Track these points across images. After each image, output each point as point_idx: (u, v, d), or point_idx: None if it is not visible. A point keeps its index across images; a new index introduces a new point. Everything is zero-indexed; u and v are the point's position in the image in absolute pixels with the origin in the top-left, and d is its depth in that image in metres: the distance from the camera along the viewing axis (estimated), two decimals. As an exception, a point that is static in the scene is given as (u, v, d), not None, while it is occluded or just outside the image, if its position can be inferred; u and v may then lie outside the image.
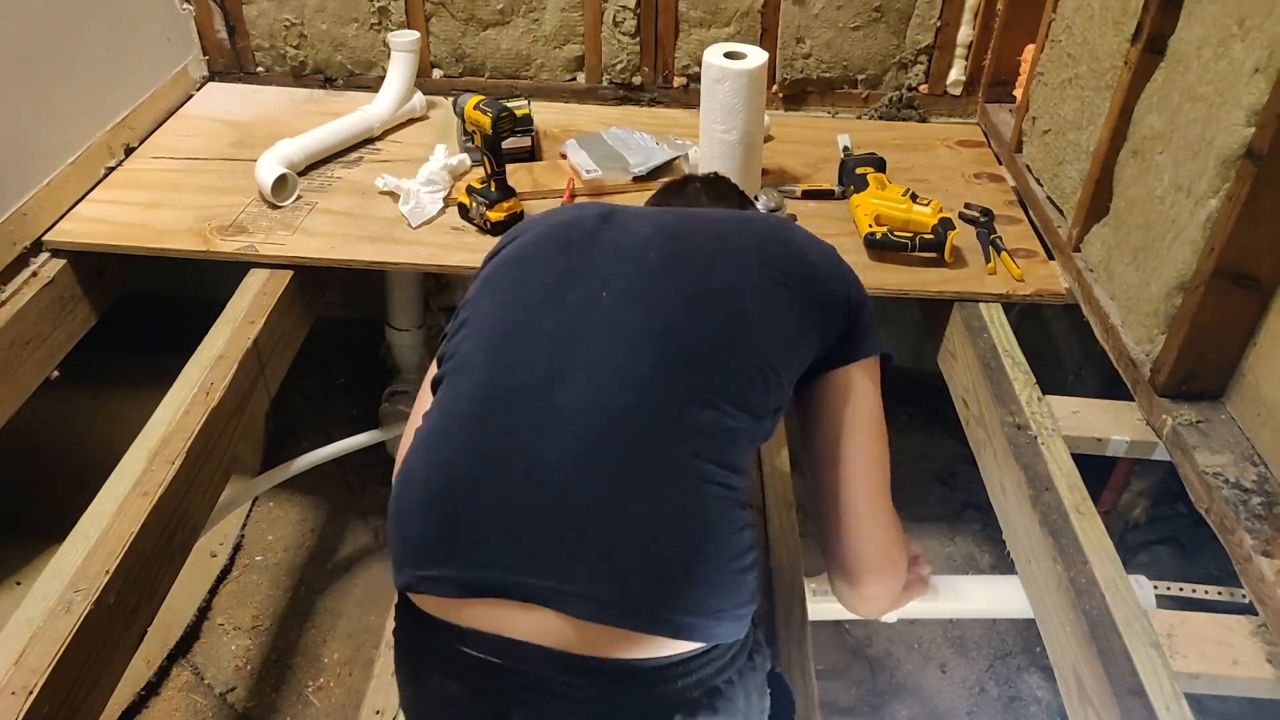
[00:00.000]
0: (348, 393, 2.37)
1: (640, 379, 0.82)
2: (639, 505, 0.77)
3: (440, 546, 0.79)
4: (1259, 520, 1.03)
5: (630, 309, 0.87)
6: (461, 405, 0.86)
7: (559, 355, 0.84)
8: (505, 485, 0.79)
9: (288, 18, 2.00)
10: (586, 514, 0.77)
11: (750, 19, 1.95)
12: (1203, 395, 1.19)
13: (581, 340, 0.85)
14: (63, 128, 1.62)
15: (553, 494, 0.78)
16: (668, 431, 0.81)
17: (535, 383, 0.83)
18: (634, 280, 0.90)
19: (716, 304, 0.89)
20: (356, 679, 1.79)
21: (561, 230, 0.98)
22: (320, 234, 1.58)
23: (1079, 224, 1.44)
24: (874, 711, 1.78)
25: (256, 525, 2.09)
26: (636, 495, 0.78)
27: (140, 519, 1.12)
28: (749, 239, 0.97)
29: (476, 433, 0.83)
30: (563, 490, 0.77)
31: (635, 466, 0.79)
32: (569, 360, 0.84)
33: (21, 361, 1.45)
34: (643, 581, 0.75)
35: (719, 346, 0.87)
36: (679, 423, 0.81)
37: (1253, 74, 1.03)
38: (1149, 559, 1.83)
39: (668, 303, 0.88)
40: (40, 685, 0.95)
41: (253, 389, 1.42)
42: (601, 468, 0.79)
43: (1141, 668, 0.94)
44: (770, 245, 0.97)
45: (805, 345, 0.95)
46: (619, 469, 0.78)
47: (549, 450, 0.79)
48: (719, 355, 0.86)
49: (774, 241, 0.98)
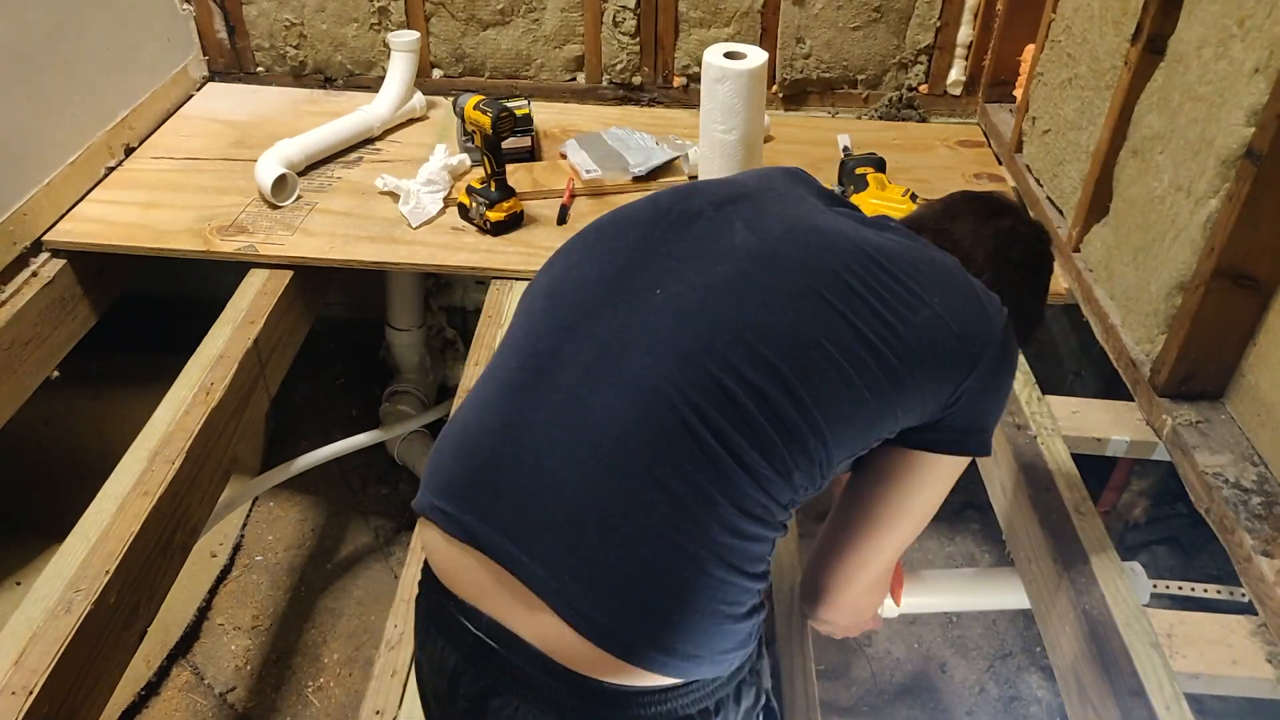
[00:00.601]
0: (348, 393, 2.37)
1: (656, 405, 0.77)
2: (638, 534, 0.75)
3: (463, 489, 0.80)
4: (1259, 520, 1.03)
5: (668, 320, 0.79)
6: (510, 361, 0.84)
7: (603, 346, 0.80)
8: (527, 462, 0.78)
9: (288, 18, 2.00)
10: (590, 525, 0.75)
11: (750, 19, 1.95)
12: (1203, 395, 1.19)
13: (619, 341, 0.80)
14: (63, 128, 1.62)
15: (560, 488, 0.77)
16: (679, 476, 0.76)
17: (581, 365, 0.80)
18: (688, 289, 0.80)
19: (762, 354, 0.77)
20: (356, 679, 1.79)
21: (671, 199, 0.91)
22: (320, 234, 1.58)
23: (1079, 224, 1.44)
24: (874, 711, 1.78)
25: (256, 525, 2.09)
26: (640, 525, 0.75)
27: (140, 519, 1.12)
28: (861, 279, 0.81)
29: (511, 400, 0.81)
30: (571, 491, 0.76)
31: (643, 493, 0.76)
32: (609, 356, 0.79)
33: (21, 361, 1.45)
34: (629, 615, 0.75)
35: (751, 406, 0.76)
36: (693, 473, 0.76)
37: (1253, 74, 1.03)
38: (1149, 559, 1.82)
39: (706, 333, 0.78)
40: (40, 685, 0.95)
41: (253, 389, 1.42)
42: (610, 481, 0.76)
43: (1141, 668, 0.94)
44: (885, 298, 0.81)
45: (874, 428, 0.83)
46: (633, 492, 0.75)
47: (562, 445, 0.77)
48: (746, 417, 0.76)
49: (896, 298, 0.81)
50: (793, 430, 0.77)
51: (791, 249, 0.83)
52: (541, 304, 0.86)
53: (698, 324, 0.78)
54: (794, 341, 0.78)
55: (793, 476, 0.78)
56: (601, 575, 0.74)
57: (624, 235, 0.88)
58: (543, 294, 0.87)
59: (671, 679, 0.77)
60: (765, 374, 0.76)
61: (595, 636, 0.74)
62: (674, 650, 0.75)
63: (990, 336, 0.84)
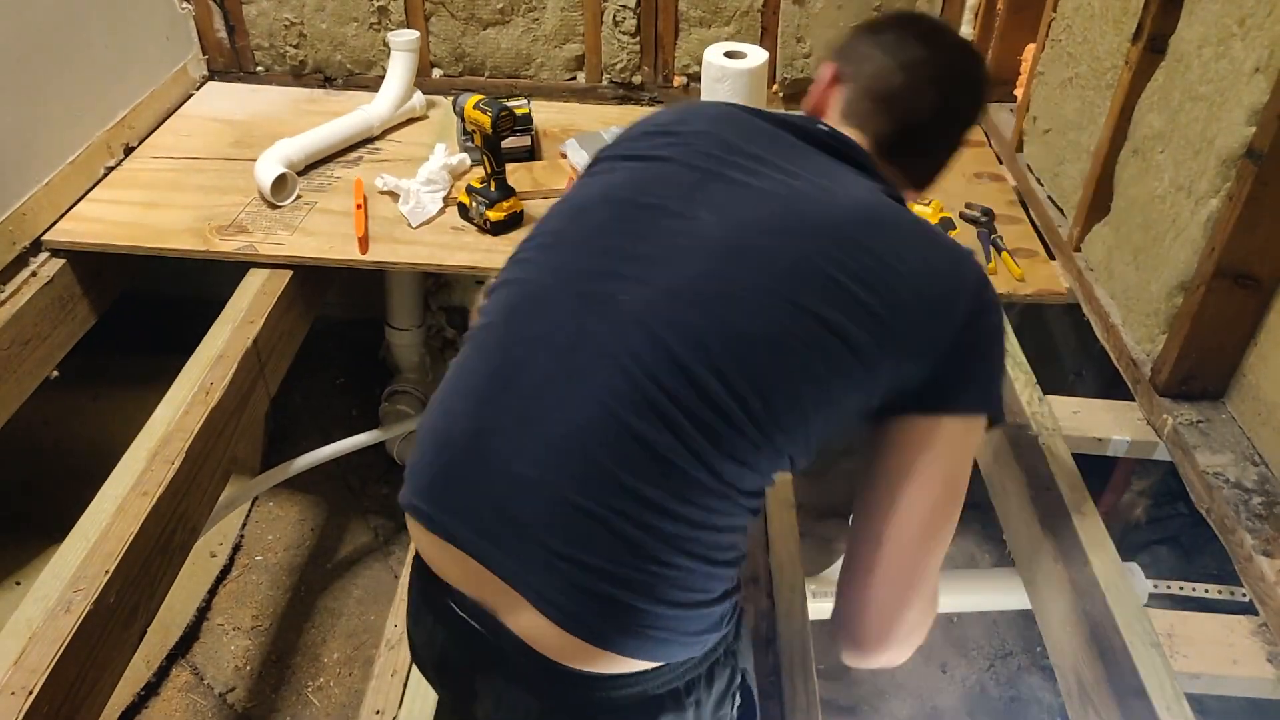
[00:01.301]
0: (348, 393, 2.37)
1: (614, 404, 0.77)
2: (601, 532, 0.76)
3: (441, 490, 0.82)
4: (1259, 520, 1.03)
5: (628, 324, 0.78)
6: (477, 364, 0.85)
7: (564, 352, 0.80)
8: (496, 465, 0.80)
9: (287, 17, 2.00)
10: (556, 523, 0.77)
11: (750, 18, 1.95)
12: (1203, 395, 1.19)
13: (580, 347, 0.79)
14: (62, 127, 1.62)
15: (527, 489, 0.78)
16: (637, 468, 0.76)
17: (544, 372, 0.80)
18: (651, 292, 0.79)
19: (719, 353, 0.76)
20: (356, 679, 1.79)
21: (626, 188, 0.88)
22: (320, 234, 1.58)
23: (1080, 223, 1.44)
24: (874, 711, 1.78)
25: (256, 525, 2.09)
26: (601, 523, 0.76)
27: (140, 519, 1.12)
28: (820, 254, 0.79)
29: (480, 407, 0.82)
30: (536, 491, 0.78)
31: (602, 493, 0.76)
32: (571, 362, 0.80)
33: (21, 361, 1.45)
34: (596, 605, 0.76)
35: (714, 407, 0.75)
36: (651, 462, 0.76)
37: (1253, 73, 1.03)
38: (1149, 559, 1.82)
39: (664, 336, 0.77)
40: (40, 685, 0.95)
41: (252, 389, 1.42)
42: (571, 482, 0.77)
43: (1142, 668, 0.94)
44: (857, 273, 0.78)
45: (851, 408, 0.80)
46: (591, 492, 0.76)
47: (528, 448, 0.78)
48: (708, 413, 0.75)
49: (868, 271, 0.78)
50: (755, 428, 0.76)
51: (759, 238, 0.81)
52: (506, 309, 0.86)
53: (659, 328, 0.77)
54: (759, 339, 0.77)
55: (758, 466, 0.78)
56: (571, 572, 0.76)
57: (586, 235, 0.86)
58: (504, 301, 0.87)
59: (644, 662, 0.80)
60: (725, 375, 0.75)
61: (567, 624, 0.76)
62: (643, 635, 0.77)
63: (964, 288, 0.81)
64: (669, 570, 0.76)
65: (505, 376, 0.81)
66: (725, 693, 0.89)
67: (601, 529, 0.75)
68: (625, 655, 0.78)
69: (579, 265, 0.84)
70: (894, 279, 0.79)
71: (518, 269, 0.89)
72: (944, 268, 0.82)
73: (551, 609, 0.77)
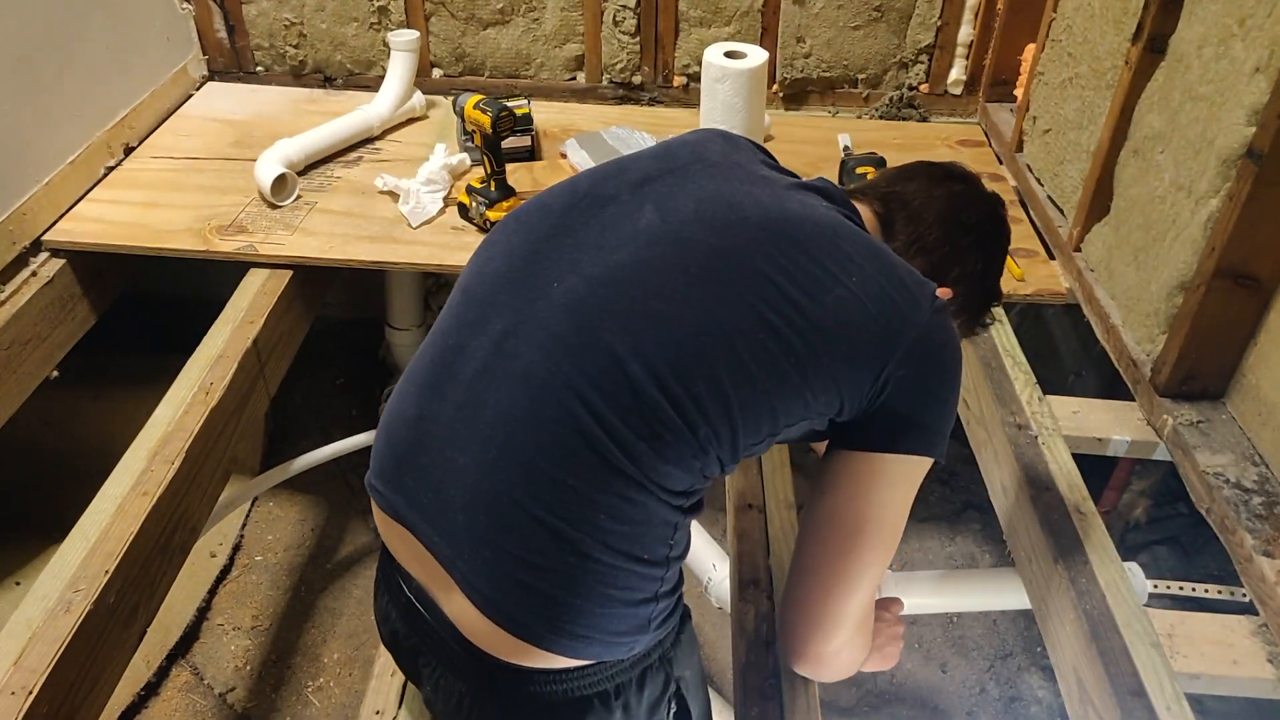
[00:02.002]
0: (348, 393, 2.37)
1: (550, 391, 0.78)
2: (527, 522, 0.76)
3: (392, 472, 0.86)
4: (1260, 520, 1.03)
5: (560, 313, 0.79)
6: (426, 355, 0.87)
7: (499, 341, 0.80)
8: (435, 451, 0.82)
9: (287, 17, 2.00)
10: (485, 512, 0.78)
11: (750, 18, 1.95)
12: (1203, 395, 1.19)
13: (514, 336, 0.80)
14: (62, 127, 1.62)
15: (462, 477, 0.79)
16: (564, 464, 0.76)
17: (480, 360, 0.81)
18: (582, 282, 0.80)
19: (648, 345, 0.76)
20: (356, 679, 1.79)
21: (589, 181, 0.90)
22: (320, 234, 1.58)
23: (1080, 224, 1.44)
24: (874, 711, 1.78)
25: (256, 525, 2.09)
26: (527, 513, 0.76)
27: (140, 519, 1.12)
28: (757, 250, 0.79)
29: (424, 394, 0.84)
30: (470, 480, 0.79)
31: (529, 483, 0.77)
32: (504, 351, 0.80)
33: (21, 361, 1.45)
34: (520, 596, 0.78)
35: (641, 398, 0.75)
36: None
37: (1253, 73, 1.03)
38: (1149, 559, 1.82)
39: (593, 326, 0.77)
40: (40, 685, 0.95)
41: (252, 389, 1.42)
42: (501, 472, 0.77)
43: (1142, 668, 0.94)
44: (794, 275, 0.78)
45: (780, 412, 0.79)
46: (519, 482, 0.77)
47: (464, 438, 0.80)
48: (631, 400, 0.75)
49: (807, 275, 0.78)
50: (679, 421, 0.76)
51: (697, 229, 0.81)
52: (457, 297, 0.88)
53: (587, 317, 0.78)
54: (685, 330, 0.76)
55: (685, 464, 0.78)
56: (495, 558, 0.77)
57: (538, 225, 0.87)
58: (460, 287, 0.89)
59: (568, 659, 0.80)
60: (651, 365, 0.75)
61: (492, 614, 0.78)
62: (563, 630, 0.78)
63: (914, 320, 0.80)
64: (590, 564, 0.76)
65: (446, 363, 0.83)
66: (658, 700, 0.88)
67: (523, 516, 0.76)
68: (545, 650, 0.79)
69: (524, 252, 0.86)
70: (839, 290, 0.79)
71: (481, 251, 0.92)
72: (896, 293, 0.81)
73: (476, 595, 0.79)
